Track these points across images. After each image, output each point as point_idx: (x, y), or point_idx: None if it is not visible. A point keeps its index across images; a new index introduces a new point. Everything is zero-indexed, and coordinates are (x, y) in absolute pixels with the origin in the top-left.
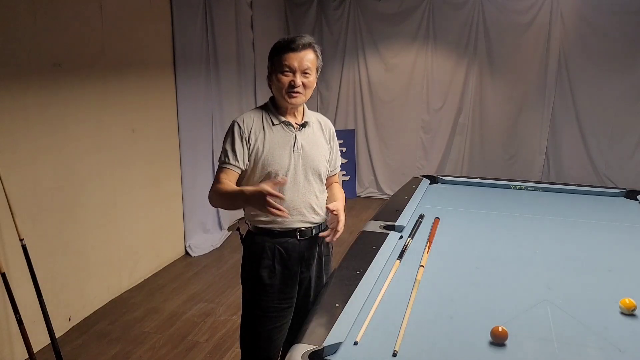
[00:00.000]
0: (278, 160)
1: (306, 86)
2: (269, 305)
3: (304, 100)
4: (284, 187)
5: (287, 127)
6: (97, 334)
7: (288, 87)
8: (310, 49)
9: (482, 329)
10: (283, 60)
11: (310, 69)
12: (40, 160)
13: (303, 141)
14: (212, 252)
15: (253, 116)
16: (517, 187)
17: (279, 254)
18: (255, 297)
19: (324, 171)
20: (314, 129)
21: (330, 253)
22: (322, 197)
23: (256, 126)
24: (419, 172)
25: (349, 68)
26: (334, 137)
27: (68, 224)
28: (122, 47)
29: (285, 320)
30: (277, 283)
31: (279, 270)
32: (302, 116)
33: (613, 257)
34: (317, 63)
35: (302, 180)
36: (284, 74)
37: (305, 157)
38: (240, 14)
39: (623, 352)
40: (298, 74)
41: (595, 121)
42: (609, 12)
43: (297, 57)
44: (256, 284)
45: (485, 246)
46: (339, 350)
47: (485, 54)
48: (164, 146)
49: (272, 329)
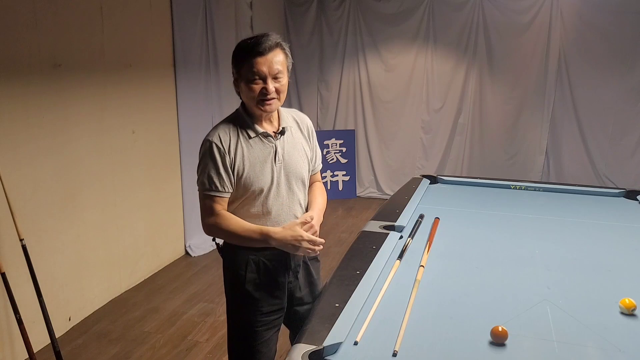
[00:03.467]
0: (260, 177)
1: (279, 91)
2: (257, 320)
3: (279, 106)
4: (267, 201)
5: (266, 139)
6: (97, 334)
7: (260, 96)
8: (278, 48)
9: (482, 329)
10: (251, 67)
11: (281, 72)
12: (41, 160)
13: (283, 150)
14: (212, 252)
15: (228, 131)
16: (517, 187)
17: (264, 266)
18: (242, 311)
19: (307, 174)
20: (292, 132)
21: (317, 259)
22: (306, 204)
23: (233, 142)
24: (419, 172)
25: (348, 68)
26: (312, 134)
27: (68, 224)
28: (122, 48)
29: (274, 331)
30: (265, 296)
31: (265, 283)
32: (278, 121)
33: (613, 257)
34: (287, 62)
35: (285, 191)
36: (254, 82)
37: (286, 166)
38: (240, 14)
39: (623, 352)
40: (269, 80)
41: (595, 121)
42: (609, 12)
43: (266, 61)
44: (242, 298)
45: (485, 246)
46: (339, 350)
47: (485, 54)
48: (164, 147)
49: (261, 343)
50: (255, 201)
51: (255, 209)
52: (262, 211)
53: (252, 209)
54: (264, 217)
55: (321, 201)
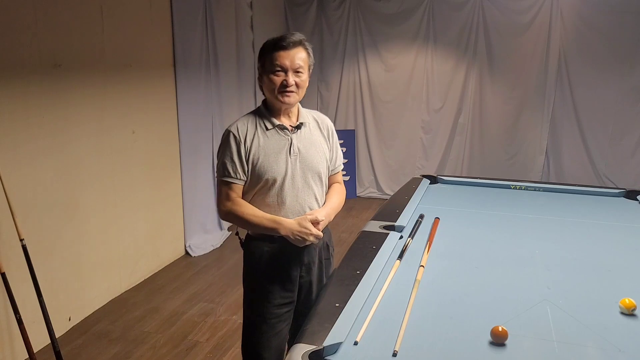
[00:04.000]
0: (275, 167)
1: (299, 85)
2: (269, 311)
3: (298, 100)
4: (282, 192)
5: (282, 131)
6: (97, 334)
7: (280, 87)
8: (301, 46)
9: (482, 329)
10: (274, 59)
11: (303, 68)
12: (41, 160)
13: (299, 144)
14: (212, 252)
15: (246, 122)
16: (517, 187)
17: (278, 258)
18: (255, 302)
19: (325, 171)
20: (310, 128)
21: (331, 256)
22: (323, 199)
23: (250, 133)
24: (419, 172)
25: (349, 68)
26: (333, 135)
27: (68, 224)
28: (122, 48)
29: (285, 324)
30: (277, 288)
31: (278, 275)
32: (297, 117)
33: (613, 257)
34: (309, 61)
35: (300, 184)
36: (275, 73)
37: (302, 160)
38: (240, 14)
39: (623, 352)
40: (290, 73)
41: (595, 121)
42: (609, 12)
43: (288, 55)
44: (255, 289)
45: (485, 246)
46: (339, 350)
47: (485, 54)
48: (164, 147)
49: (272, 336)
50: (270, 191)
51: (271, 198)
52: (277, 201)
53: (267, 199)
54: (278, 207)
55: (336, 200)
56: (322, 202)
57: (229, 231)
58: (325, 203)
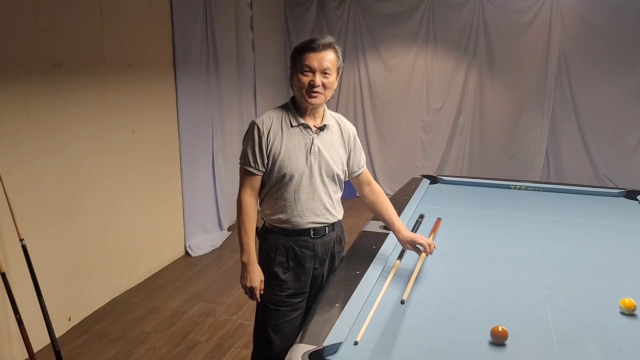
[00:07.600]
0: (294, 163)
1: (326, 86)
2: (282, 300)
3: (324, 101)
4: (299, 188)
5: (305, 130)
6: (97, 334)
7: (308, 87)
8: (330, 49)
9: (482, 329)
10: (303, 60)
11: (330, 69)
12: (41, 160)
13: (320, 144)
14: (212, 252)
15: (272, 116)
16: (517, 187)
17: (293, 251)
18: (269, 290)
19: (340, 174)
20: (332, 132)
21: (343, 249)
22: (336, 197)
23: (275, 127)
24: (419, 172)
25: (349, 68)
26: (355, 140)
27: (68, 224)
28: (122, 48)
29: (298, 313)
30: (291, 279)
31: (293, 267)
32: (321, 118)
33: (613, 257)
34: (337, 63)
35: (318, 182)
36: (304, 73)
37: (321, 159)
38: (240, 14)
39: (623, 352)
40: (318, 74)
41: (595, 121)
42: (609, 12)
43: (317, 57)
44: (270, 278)
45: (485, 246)
46: (339, 350)
47: (485, 54)
48: (164, 147)
49: (284, 322)
50: (287, 187)
51: (287, 194)
52: (294, 197)
53: (284, 194)
54: (294, 202)
55: (392, 208)
56: (335, 199)
57: (229, 231)
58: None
